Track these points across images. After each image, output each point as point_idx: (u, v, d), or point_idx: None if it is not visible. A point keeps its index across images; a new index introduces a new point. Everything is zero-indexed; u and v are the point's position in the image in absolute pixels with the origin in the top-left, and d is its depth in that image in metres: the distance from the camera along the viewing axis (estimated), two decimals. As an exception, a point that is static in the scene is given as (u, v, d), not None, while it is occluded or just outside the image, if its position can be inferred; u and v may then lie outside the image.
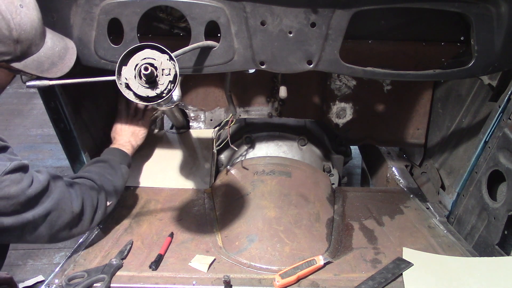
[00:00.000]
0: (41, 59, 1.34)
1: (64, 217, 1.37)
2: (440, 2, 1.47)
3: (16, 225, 1.25)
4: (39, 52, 1.34)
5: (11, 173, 1.22)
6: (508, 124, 1.57)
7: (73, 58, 1.44)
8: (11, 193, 1.21)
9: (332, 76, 2.21)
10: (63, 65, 1.40)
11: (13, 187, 1.22)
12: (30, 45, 1.30)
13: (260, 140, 2.24)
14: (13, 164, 1.23)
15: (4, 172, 1.20)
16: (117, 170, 1.68)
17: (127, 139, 1.87)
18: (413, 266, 1.45)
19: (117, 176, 1.66)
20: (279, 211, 1.72)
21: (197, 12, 1.46)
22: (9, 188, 1.21)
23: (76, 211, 1.41)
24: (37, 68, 1.33)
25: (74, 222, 1.42)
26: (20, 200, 1.23)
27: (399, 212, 1.88)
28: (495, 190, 1.64)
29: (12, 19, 1.22)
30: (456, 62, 1.74)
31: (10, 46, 1.25)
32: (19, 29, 1.24)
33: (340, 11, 1.44)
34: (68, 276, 1.36)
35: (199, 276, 1.42)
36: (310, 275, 1.42)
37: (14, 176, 1.22)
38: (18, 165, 1.25)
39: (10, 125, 4.59)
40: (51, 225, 1.34)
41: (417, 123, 2.28)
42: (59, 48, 1.40)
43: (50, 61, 1.36)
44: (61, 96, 1.77)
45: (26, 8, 1.27)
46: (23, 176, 1.26)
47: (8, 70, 1.32)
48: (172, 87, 1.18)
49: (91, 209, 1.48)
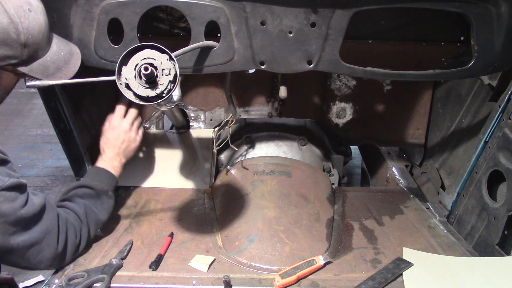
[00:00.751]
0: (47, 63, 1.33)
1: (45, 253, 1.32)
2: (440, 2, 1.47)
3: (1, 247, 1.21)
4: (45, 56, 1.33)
5: (7, 190, 1.20)
6: (508, 124, 1.57)
7: (77, 63, 1.43)
8: (2, 211, 1.18)
9: (332, 76, 2.21)
10: (68, 70, 1.39)
11: (5, 205, 1.19)
12: (36, 50, 1.29)
13: (260, 140, 2.24)
14: (10, 181, 1.21)
15: (0, 188, 1.18)
16: (103, 202, 1.56)
17: (117, 153, 1.70)
18: (413, 266, 1.45)
19: (103, 209, 1.56)
20: (279, 211, 1.72)
21: (197, 12, 1.46)
22: (1, 205, 1.18)
23: (60, 249, 1.36)
24: (43, 72, 1.32)
25: (54, 259, 1.37)
26: (10, 219, 1.20)
27: (399, 212, 1.88)
28: (495, 190, 1.64)
29: (20, 23, 1.22)
30: (456, 62, 1.74)
31: (18, 50, 1.24)
32: (27, 33, 1.24)
33: (340, 11, 1.44)
34: (68, 276, 1.36)
35: (199, 276, 1.42)
36: (310, 275, 1.42)
37: (9, 194, 1.20)
38: (16, 183, 1.23)
39: (10, 125, 4.59)
40: (31, 257, 1.30)
41: (417, 123, 2.28)
42: (64, 53, 1.39)
43: (56, 65, 1.35)
44: (61, 96, 1.77)
45: (34, 13, 1.27)
46: (18, 196, 1.23)
47: (14, 73, 1.31)
48: (172, 87, 1.18)
49: (73, 247, 1.42)
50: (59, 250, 1.36)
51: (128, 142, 1.73)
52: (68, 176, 3.60)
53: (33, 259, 1.31)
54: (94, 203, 1.53)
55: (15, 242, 1.23)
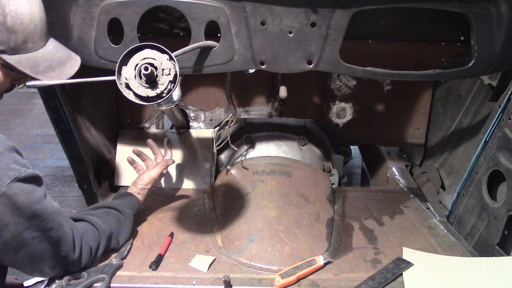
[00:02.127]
0: (38, 59, 1.27)
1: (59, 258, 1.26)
2: (440, 2, 1.47)
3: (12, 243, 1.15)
4: (37, 51, 1.27)
5: (23, 182, 1.13)
6: (508, 124, 1.57)
7: (74, 68, 1.35)
8: (18, 204, 1.12)
9: (332, 76, 2.21)
10: (61, 71, 1.31)
11: (22, 197, 1.12)
12: (26, 40, 1.22)
13: (260, 140, 2.24)
14: (27, 172, 1.14)
15: (17, 178, 1.12)
16: (126, 231, 1.54)
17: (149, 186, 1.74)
18: (413, 266, 1.45)
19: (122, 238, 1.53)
20: (279, 211, 1.72)
21: (197, 12, 1.46)
22: (17, 197, 1.11)
23: (73, 257, 1.30)
24: (32, 68, 1.25)
25: (65, 265, 1.31)
26: (25, 213, 1.14)
27: (399, 212, 1.88)
28: (495, 190, 1.64)
29: (8, 4, 1.16)
30: (456, 62, 1.74)
31: (4, 34, 1.17)
32: (14, 16, 1.17)
33: (340, 11, 1.44)
34: (68, 276, 1.36)
35: (199, 276, 1.42)
36: (310, 275, 1.42)
37: (25, 186, 1.13)
38: (33, 174, 1.16)
39: (10, 125, 4.59)
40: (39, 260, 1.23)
41: (417, 123, 2.28)
42: (60, 55, 1.33)
43: (48, 64, 1.28)
44: (61, 96, 1.77)
45: (28, 0, 1.21)
46: (36, 189, 1.17)
47: (2, 66, 1.24)
48: (172, 87, 1.18)
49: (87, 258, 1.36)
50: (73, 258, 1.30)
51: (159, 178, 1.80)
52: (68, 176, 3.59)
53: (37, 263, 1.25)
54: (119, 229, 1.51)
55: (28, 237, 1.17)
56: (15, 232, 1.15)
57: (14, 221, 1.13)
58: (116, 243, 1.49)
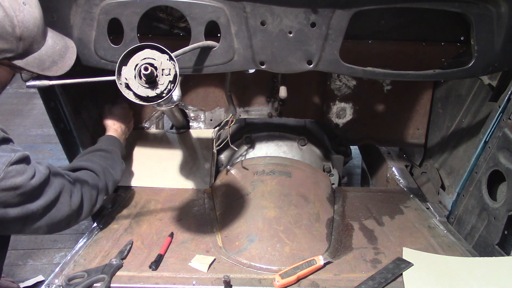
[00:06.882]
0: (43, 57, 1.35)
1: (63, 210, 1.39)
2: (440, 2, 1.47)
3: (20, 216, 1.27)
4: (41, 50, 1.35)
5: (16, 164, 1.24)
6: (508, 124, 1.57)
7: (73, 57, 1.45)
8: (17, 184, 1.23)
9: (332, 76, 2.21)
10: (63, 63, 1.41)
11: (19, 178, 1.23)
12: (32, 43, 1.31)
13: (260, 140, 2.24)
14: (17, 155, 1.25)
15: (10, 162, 1.22)
16: (117, 164, 1.73)
17: (124, 129, 1.94)
18: (413, 266, 1.45)
19: (117, 170, 1.72)
20: (279, 211, 1.72)
21: (197, 12, 1.46)
22: (15, 179, 1.23)
23: (75, 205, 1.44)
24: (39, 66, 1.34)
25: (72, 215, 1.44)
26: (25, 190, 1.25)
27: (399, 212, 1.88)
28: (495, 190, 1.64)
29: (15, 16, 1.23)
30: (456, 62, 1.74)
31: (13, 43, 1.26)
32: (22, 26, 1.25)
33: (340, 11, 1.44)
34: (68, 276, 1.36)
35: (199, 276, 1.42)
36: (310, 275, 1.42)
37: (19, 167, 1.24)
38: (22, 156, 1.27)
39: (10, 125, 4.59)
40: (51, 217, 1.37)
41: (417, 123, 2.28)
42: (59, 47, 1.41)
43: (51, 59, 1.37)
44: (61, 96, 1.77)
45: (29, 6, 1.28)
46: (27, 167, 1.27)
47: (10, 67, 1.33)
48: (172, 87, 1.18)
49: (89, 203, 1.52)
50: (74, 206, 1.43)
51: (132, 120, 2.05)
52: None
53: (52, 220, 1.37)
54: (110, 164, 1.68)
55: (34, 207, 1.30)
56: (22, 209, 1.27)
57: (18, 201, 1.25)
58: (115, 175, 1.68)
